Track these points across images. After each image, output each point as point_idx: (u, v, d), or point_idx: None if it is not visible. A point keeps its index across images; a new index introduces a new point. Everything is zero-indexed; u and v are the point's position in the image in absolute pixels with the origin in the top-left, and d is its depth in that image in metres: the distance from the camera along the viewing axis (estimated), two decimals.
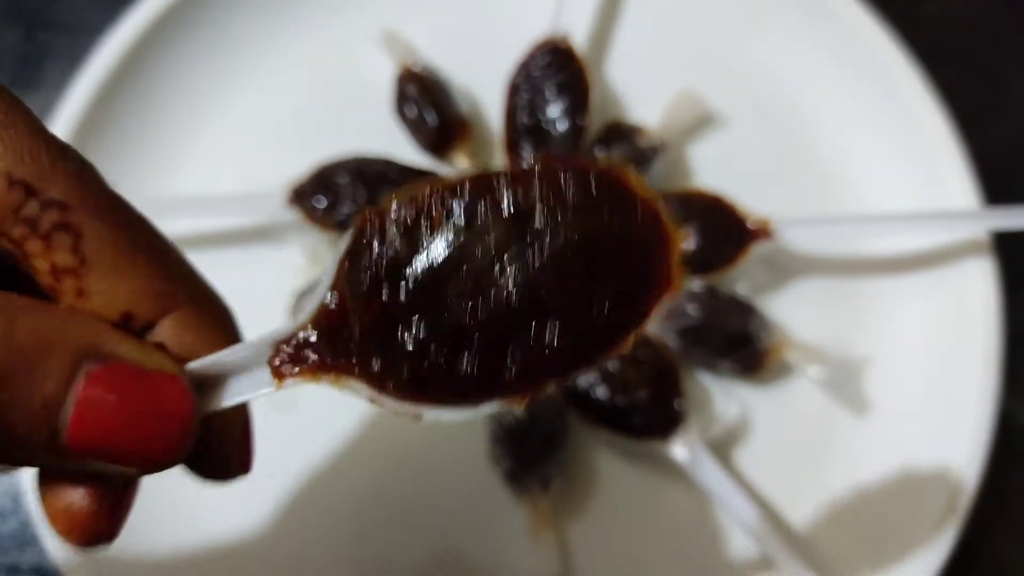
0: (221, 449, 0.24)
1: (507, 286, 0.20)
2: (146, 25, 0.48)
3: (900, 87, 0.48)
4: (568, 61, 0.48)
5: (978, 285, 0.45)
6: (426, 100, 0.48)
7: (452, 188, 0.20)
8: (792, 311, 0.47)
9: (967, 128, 0.47)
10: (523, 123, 0.48)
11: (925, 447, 0.44)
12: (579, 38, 0.48)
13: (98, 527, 0.22)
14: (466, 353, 0.20)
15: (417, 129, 0.48)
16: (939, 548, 0.41)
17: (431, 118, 0.48)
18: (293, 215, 0.46)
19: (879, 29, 0.48)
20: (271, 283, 0.46)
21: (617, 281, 0.20)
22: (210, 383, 0.22)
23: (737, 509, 0.42)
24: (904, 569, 0.42)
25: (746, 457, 0.45)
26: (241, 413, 0.25)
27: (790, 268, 0.48)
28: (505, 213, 0.20)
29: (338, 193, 0.45)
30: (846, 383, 0.45)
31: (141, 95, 0.49)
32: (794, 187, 0.49)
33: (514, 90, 0.48)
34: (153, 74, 0.49)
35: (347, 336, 0.21)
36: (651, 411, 0.42)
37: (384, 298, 0.20)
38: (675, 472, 0.44)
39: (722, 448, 0.44)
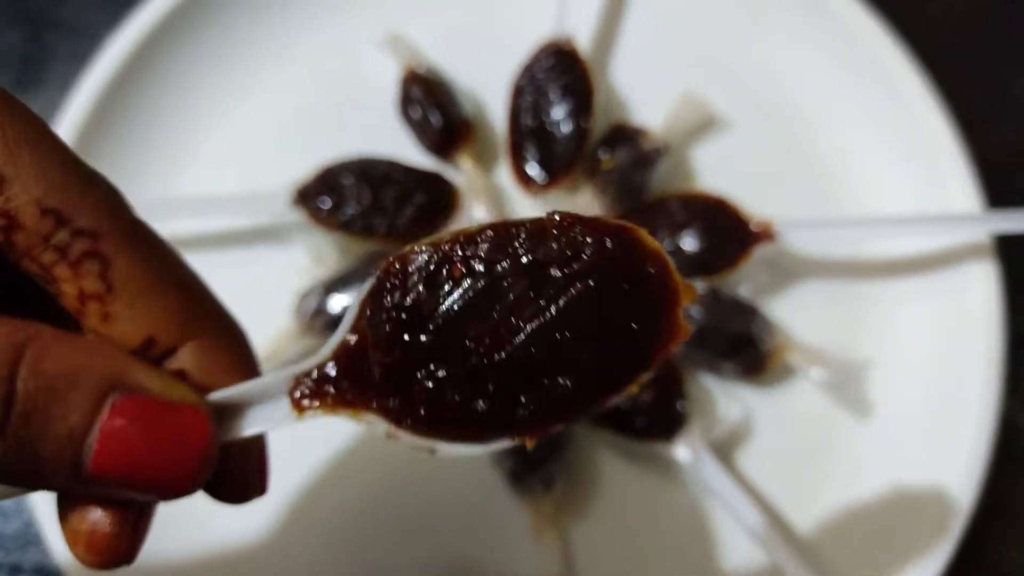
0: (239, 473, 0.25)
1: (523, 333, 0.21)
2: (150, 26, 0.48)
3: (901, 89, 0.48)
4: (572, 63, 0.48)
5: (980, 288, 0.45)
6: (430, 102, 0.48)
7: (472, 238, 0.21)
8: (794, 313, 0.47)
9: (968, 130, 0.47)
10: (527, 125, 0.48)
11: (926, 449, 0.44)
12: (583, 40, 0.48)
13: (119, 547, 0.22)
14: (481, 395, 0.21)
15: (421, 130, 0.48)
16: (940, 550, 0.41)
17: (435, 119, 0.48)
18: (297, 216, 0.46)
19: (880, 31, 0.48)
20: (275, 283, 0.46)
21: (627, 331, 0.21)
22: (230, 412, 0.23)
23: (739, 510, 0.42)
24: (905, 571, 0.42)
25: (748, 459, 0.45)
26: (258, 439, 0.25)
27: (792, 270, 0.48)
28: (523, 264, 0.21)
29: (342, 194, 0.45)
30: (848, 385, 0.45)
31: (145, 96, 0.49)
32: (796, 189, 0.50)
33: (518, 92, 0.48)
34: (158, 75, 0.49)
35: (366, 373, 0.22)
36: (654, 413, 0.42)
37: (405, 341, 0.21)
38: (677, 473, 0.44)
39: (724, 450, 0.45)
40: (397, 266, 0.22)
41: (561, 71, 0.48)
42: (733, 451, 0.45)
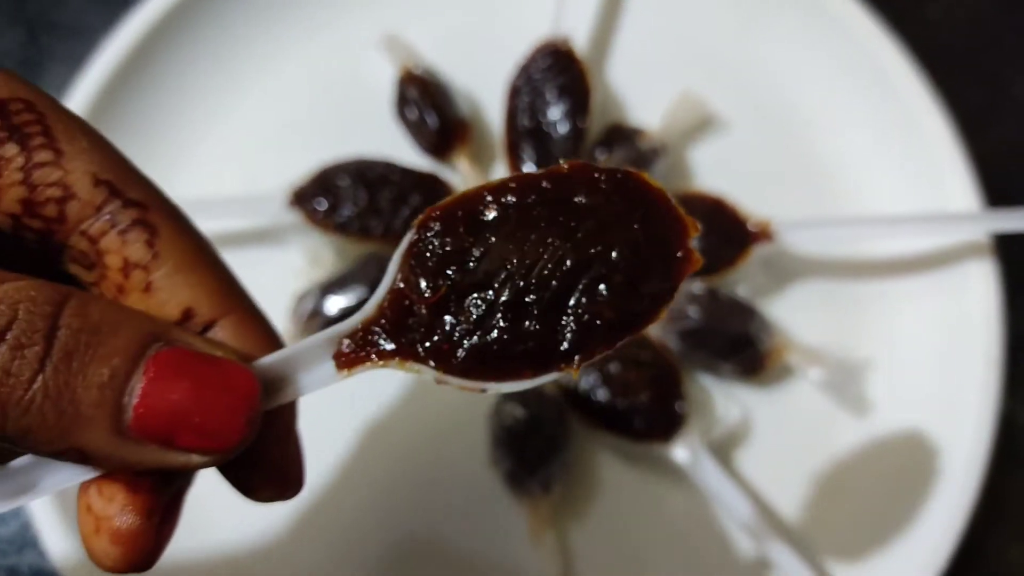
0: (279, 466, 0.24)
1: (558, 267, 0.22)
2: (147, 28, 0.48)
3: (900, 89, 0.48)
4: (569, 63, 0.48)
5: (978, 287, 0.45)
6: (427, 102, 0.48)
7: (499, 186, 0.23)
8: (793, 313, 0.47)
9: (967, 130, 0.47)
10: (524, 125, 0.48)
11: (925, 448, 0.44)
12: (580, 41, 0.48)
13: (144, 543, 0.21)
14: (524, 327, 0.22)
15: (418, 131, 0.48)
16: (940, 549, 0.41)
17: (432, 120, 0.48)
18: (293, 217, 0.46)
19: (879, 32, 0.48)
20: (272, 285, 0.46)
21: (649, 259, 0.23)
22: (273, 381, 0.23)
23: (738, 511, 0.42)
24: (905, 571, 0.42)
25: (747, 459, 0.45)
26: (294, 434, 0.25)
27: (791, 270, 0.48)
28: (549, 199, 0.23)
29: (338, 195, 0.45)
30: (847, 385, 0.45)
31: (142, 98, 0.49)
32: (794, 189, 0.50)
33: (515, 92, 0.48)
34: (154, 77, 0.49)
35: (412, 323, 0.23)
36: (652, 413, 0.42)
37: (448, 282, 0.22)
38: (676, 474, 0.44)
39: (723, 450, 0.45)
40: (433, 216, 0.23)
41: (558, 71, 0.48)
42: (732, 451, 0.45)
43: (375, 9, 0.51)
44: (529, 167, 0.47)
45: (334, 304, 0.44)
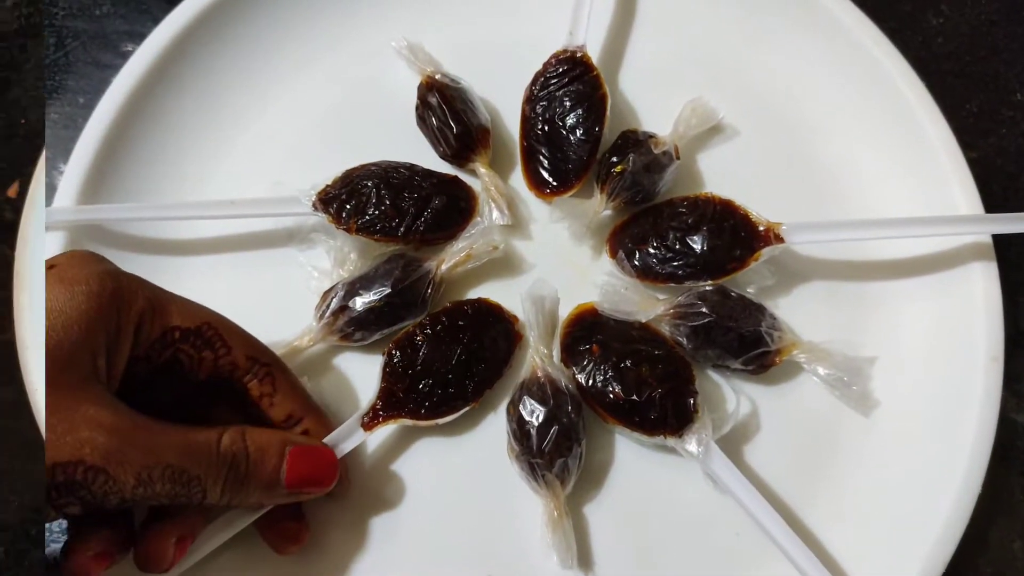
0: (340, 481, 0.44)
1: (458, 358, 0.45)
2: (176, 36, 0.50)
3: (903, 96, 0.49)
4: (584, 71, 0.49)
5: (979, 287, 0.46)
6: (447, 109, 0.49)
7: (422, 323, 0.45)
8: (800, 313, 0.48)
9: (968, 135, 0.48)
10: (540, 131, 0.49)
11: (929, 445, 0.45)
12: (594, 49, 0.49)
13: (299, 537, 0.43)
14: (448, 390, 0.44)
15: (438, 137, 0.49)
16: (946, 542, 0.42)
17: (452, 127, 0.49)
18: (320, 218, 0.47)
19: (884, 40, 0.50)
20: (298, 283, 0.48)
21: (499, 349, 0.46)
22: (335, 446, 0.43)
23: (747, 502, 0.42)
24: (907, 565, 0.42)
25: (755, 453, 0.46)
26: (345, 469, 0.44)
27: (798, 271, 0.49)
28: (448, 327, 0.45)
29: (363, 197, 0.47)
30: (853, 382, 0.45)
31: (173, 105, 0.50)
32: (802, 193, 0.51)
33: (531, 99, 0.49)
34: (184, 86, 0.51)
35: (395, 401, 0.44)
36: (665, 407, 0.43)
37: (408, 377, 0.44)
38: (687, 466, 0.45)
39: (732, 444, 0.45)
40: (392, 346, 0.45)
41: (574, 79, 0.49)
42: (741, 445, 0.46)
43: (396, 20, 0.53)
44: (545, 172, 0.49)
45: (358, 302, 0.45)
